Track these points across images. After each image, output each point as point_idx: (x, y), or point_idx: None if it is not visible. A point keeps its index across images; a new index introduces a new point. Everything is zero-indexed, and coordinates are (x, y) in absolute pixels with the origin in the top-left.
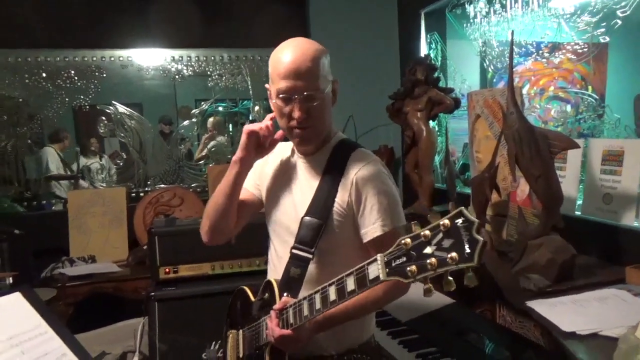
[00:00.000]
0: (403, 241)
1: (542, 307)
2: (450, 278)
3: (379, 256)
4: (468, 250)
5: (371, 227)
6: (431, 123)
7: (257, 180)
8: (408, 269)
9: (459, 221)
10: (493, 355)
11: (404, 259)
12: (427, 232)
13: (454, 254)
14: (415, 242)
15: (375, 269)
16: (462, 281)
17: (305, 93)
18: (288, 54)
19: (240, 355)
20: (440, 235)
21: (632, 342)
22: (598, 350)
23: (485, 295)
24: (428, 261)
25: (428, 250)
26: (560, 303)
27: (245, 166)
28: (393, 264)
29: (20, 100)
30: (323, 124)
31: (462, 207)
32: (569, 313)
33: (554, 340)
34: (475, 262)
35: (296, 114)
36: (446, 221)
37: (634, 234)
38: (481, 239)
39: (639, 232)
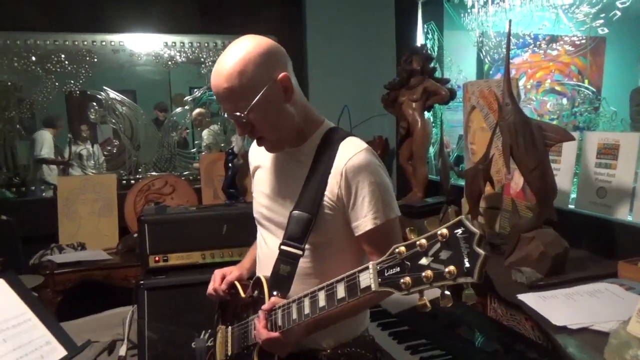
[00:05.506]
0: (397, 250)
1: (534, 300)
2: (448, 293)
3: (371, 264)
4: (467, 265)
5: (362, 221)
6: (426, 114)
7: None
8: (402, 280)
9: (459, 231)
10: (483, 348)
11: (398, 269)
12: (424, 241)
13: (451, 268)
14: (410, 251)
15: (367, 278)
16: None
17: (234, 114)
18: (212, 76)
19: (229, 354)
20: (438, 245)
21: (623, 337)
22: (589, 344)
23: (476, 287)
24: (423, 274)
25: (424, 261)
26: (552, 296)
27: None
28: (386, 274)
29: (9, 84)
30: (275, 131)
31: (463, 216)
32: (560, 307)
33: (545, 334)
34: (475, 278)
35: (238, 132)
36: (444, 230)
37: (627, 228)
38: (482, 252)
39: (633, 226)
